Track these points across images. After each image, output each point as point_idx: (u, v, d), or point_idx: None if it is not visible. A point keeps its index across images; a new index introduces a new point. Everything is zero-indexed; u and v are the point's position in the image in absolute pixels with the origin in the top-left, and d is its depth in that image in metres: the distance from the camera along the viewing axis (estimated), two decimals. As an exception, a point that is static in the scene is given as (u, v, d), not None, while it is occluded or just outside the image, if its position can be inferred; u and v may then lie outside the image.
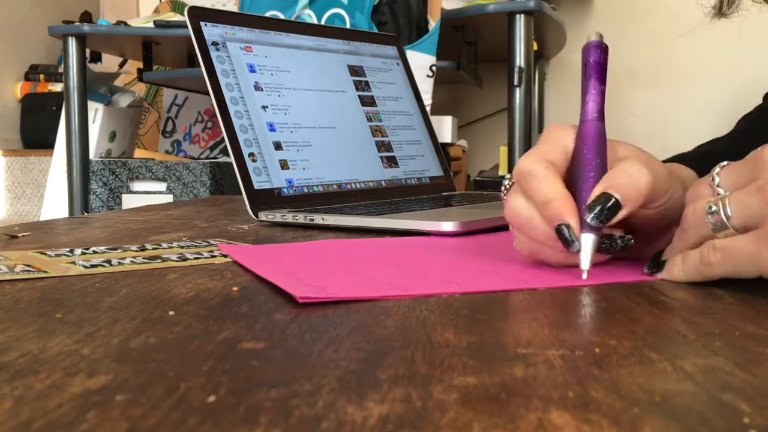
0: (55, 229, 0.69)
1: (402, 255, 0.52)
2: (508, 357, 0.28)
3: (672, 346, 0.30)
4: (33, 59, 2.96)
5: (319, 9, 1.66)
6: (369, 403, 0.22)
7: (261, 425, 0.21)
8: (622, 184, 0.41)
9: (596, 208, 0.41)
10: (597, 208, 0.41)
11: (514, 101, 1.65)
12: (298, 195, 0.78)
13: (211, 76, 0.76)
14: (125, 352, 0.28)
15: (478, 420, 0.21)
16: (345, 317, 0.34)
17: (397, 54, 1.01)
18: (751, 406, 0.22)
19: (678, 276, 0.41)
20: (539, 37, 1.96)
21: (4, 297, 0.38)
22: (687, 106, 2.49)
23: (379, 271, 0.45)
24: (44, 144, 2.57)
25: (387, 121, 0.93)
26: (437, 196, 0.93)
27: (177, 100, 2.63)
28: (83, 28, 1.98)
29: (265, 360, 0.27)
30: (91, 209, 1.98)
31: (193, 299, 0.38)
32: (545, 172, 0.43)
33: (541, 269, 0.45)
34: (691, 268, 0.41)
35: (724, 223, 0.38)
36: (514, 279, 0.43)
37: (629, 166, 0.42)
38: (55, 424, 0.21)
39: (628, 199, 0.41)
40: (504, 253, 0.52)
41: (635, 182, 0.41)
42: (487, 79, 2.24)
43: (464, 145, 2.13)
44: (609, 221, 0.41)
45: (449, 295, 0.39)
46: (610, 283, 0.42)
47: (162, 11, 2.50)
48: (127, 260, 0.49)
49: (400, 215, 0.68)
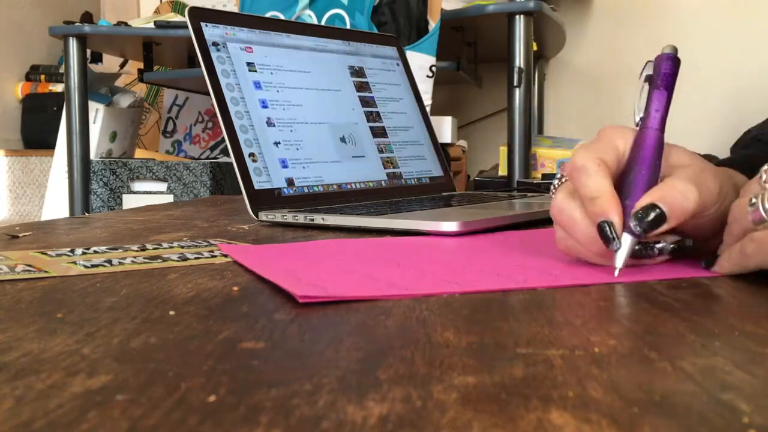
0: (56, 229, 0.69)
1: (402, 255, 0.52)
2: (508, 357, 0.28)
3: (672, 346, 0.30)
4: (34, 59, 2.97)
5: (319, 9, 1.66)
6: (369, 403, 0.22)
7: (261, 425, 0.21)
8: (671, 199, 0.42)
9: (642, 216, 0.42)
10: (643, 216, 0.41)
11: (513, 101, 1.65)
12: (298, 195, 0.78)
13: (211, 76, 0.76)
14: (126, 352, 0.28)
15: (478, 420, 0.21)
16: (345, 317, 0.34)
17: (397, 54, 1.01)
18: (751, 405, 0.22)
19: (725, 268, 0.43)
20: (539, 37, 1.96)
21: (5, 297, 0.38)
22: (686, 106, 2.49)
23: (379, 271, 0.45)
24: (45, 144, 2.57)
25: (387, 121, 0.94)
26: (437, 196, 0.93)
27: (177, 101, 2.64)
28: (84, 28, 1.98)
29: (265, 360, 0.27)
30: (91, 209, 1.98)
31: (193, 299, 0.38)
32: (596, 169, 0.43)
33: (541, 269, 0.45)
34: (733, 260, 0.42)
35: (762, 217, 0.40)
36: (513, 279, 0.43)
37: (681, 183, 0.42)
38: (56, 423, 0.21)
39: (673, 215, 0.42)
40: (504, 253, 0.52)
41: (683, 200, 0.42)
42: (487, 80, 2.24)
43: (464, 146, 2.13)
44: (652, 231, 0.42)
45: (449, 294, 0.39)
46: (609, 283, 0.42)
47: (162, 12, 2.50)
48: (128, 260, 0.49)
49: (400, 215, 0.68)
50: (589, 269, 0.45)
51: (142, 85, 2.55)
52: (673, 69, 0.47)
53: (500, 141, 1.85)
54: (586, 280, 0.42)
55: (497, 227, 0.65)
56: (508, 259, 0.49)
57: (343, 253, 0.53)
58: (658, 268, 0.46)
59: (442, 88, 1.83)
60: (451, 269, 0.47)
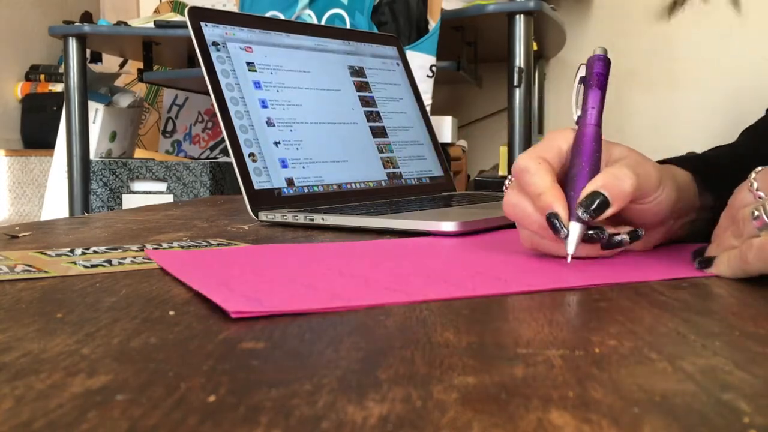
0: (56, 229, 0.69)
1: (345, 261, 0.49)
2: (508, 357, 0.28)
3: (672, 346, 0.30)
4: (33, 59, 2.97)
5: (319, 9, 1.66)
6: (369, 403, 0.22)
7: (261, 425, 0.21)
8: (611, 185, 0.46)
9: (588, 203, 0.45)
10: (588, 203, 0.45)
11: (513, 101, 1.65)
12: (298, 195, 0.78)
13: (211, 76, 0.76)
14: (125, 352, 0.28)
15: (478, 420, 0.21)
16: (345, 317, 0.34)
17: (397, 54, 1.01)
18: (751, 405, 0.22)
19: (725, 272, 0.44)
20: (539, 37, 1.96)
21: (5, 297, 0.38)
22: (685, 107, 2.49)
23: (321, 280, 0.42)
24: (45, 144, 2.57)
25: (387, 121, 0.94)
26: (437, 196, 0.93)
27: (177, 100, 2.64)
28: (84, 28, 1.98)
29: (265, 360, 0.27)
30: (91, 209, 1.98)
31: (193, 299, 0.38)
32: (538, 167, 0.47)
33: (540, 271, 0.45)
34: (734, 265, 0.43)
35: (766, 222, 0.41)
36: (517, 282, 0.42)
37: (617, 170, 0.46)
38: (56, 424, 0.21)
39: (615, 199, 0.45)
40: (508, 251, 0.52)
41: (621, 184, 0.46)
42: (487, 79, 2.24)
43: (464, 145, 2.13)
44: (598, 216, 0.45)
45: (404, 304, 0.36)
46: (610, 284, 0.42)
47: (162, 11, 2.50)
48: (128, 260, 0.49)
49: (400, 215, 0.68)
50: (588, 272, 0.45)
51: (142, 85, 2.55)
52: (604, 69, 0.52)
53: (500, 141, 1.85)
54: (582, 282, 0.42)
55: (497, 227, 0.65)
56: (509, 260, 0.49)
57: (288, 258, 0.50)
58: (657, 268, 0.46)
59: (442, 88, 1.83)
60: (396, 275, 0.44)
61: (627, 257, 0.50)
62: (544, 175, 0.47)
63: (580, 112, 0.51)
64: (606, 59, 0.52)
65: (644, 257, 0.50)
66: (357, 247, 0.56)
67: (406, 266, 0.48)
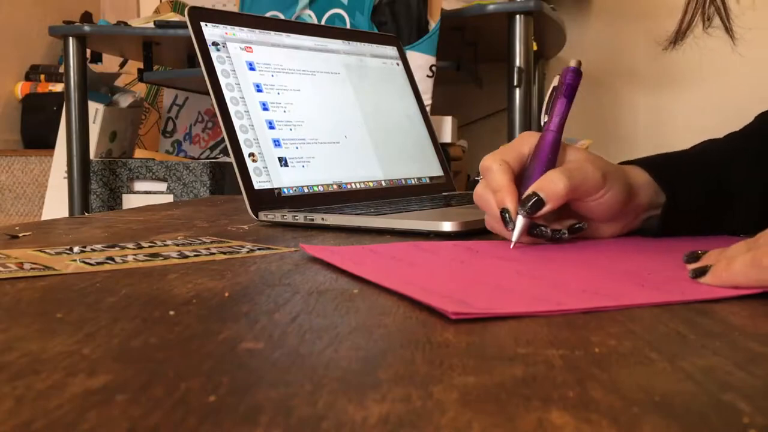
0: (56, 229, 0.69)
1: (495, 262, 0.50)
2: (508, 357, 0.28)
3: (672, 346, 0.30)
4: (33, 59, 2.96)
5: (319, 9, 1.66)
6: (369, 403, 0.22)
7: (261, 425, 0.21)
8: (545, 188, 0.53)
9: (526, 203, 0.53)
10: (527, 203, 0.53)
11: (513, 101, 1.65)
12: (298, 195, 0.78)
13: (211, 76, 0.76)
14: (125, 352, 0.28)
15: (478, 420, 0.21)
16: (345, 317, 0.34)
17: (397, 54, 1.01)
18: (751, 405, 0.22)
19: (726, 280, 0.41)
20: (539, 37, 1.96)
21: (5, 297, 0.38)
22: (686, 106, 2.49)
23: (509, 282, 0.42)
24: (45, 144, 2.56)
25: (387, 121, 0.94)
26: (437, 196, 0.93)
27: (177, 100, 2.63)
28: (84, 28, 1.97)
29: (265, 360, 0.27)
30: (91, 209, 1.98)
31: (193, 299, 0.38)
32: (498, 168, 0.56)
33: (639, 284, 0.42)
34: (750, 274, 0.40)
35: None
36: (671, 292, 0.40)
37: (554, 174, 0.54)
38: (56, 424, 0.21)
39: (549, 199, 0.53)
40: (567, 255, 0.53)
41: (554, 186, 0.53)
42: (487, 79, 2.24)
43: (464, 145, 2.13)
44: (535, 213, 0.53)
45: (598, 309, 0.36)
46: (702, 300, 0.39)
47: (162, 11, 2.50)
48: (129, 257, 0.49)
49: (400, 215, 0.68)
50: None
51: (142, 85, 2.54)
52: (574, 80, 0.58)
53: (500, 141, 1.85)
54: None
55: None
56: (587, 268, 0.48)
57: (435, 258, 0.51)
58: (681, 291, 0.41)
59: (442, 88, 1.83)
60: (586, 278, 0.43)
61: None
62: (503, 175, 0.56)
63: (547, 118, 0.58)
64: (578, 71, 0.58)
65: (596, 237, 0.57)
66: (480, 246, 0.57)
67: (587, 267, 0.49)
